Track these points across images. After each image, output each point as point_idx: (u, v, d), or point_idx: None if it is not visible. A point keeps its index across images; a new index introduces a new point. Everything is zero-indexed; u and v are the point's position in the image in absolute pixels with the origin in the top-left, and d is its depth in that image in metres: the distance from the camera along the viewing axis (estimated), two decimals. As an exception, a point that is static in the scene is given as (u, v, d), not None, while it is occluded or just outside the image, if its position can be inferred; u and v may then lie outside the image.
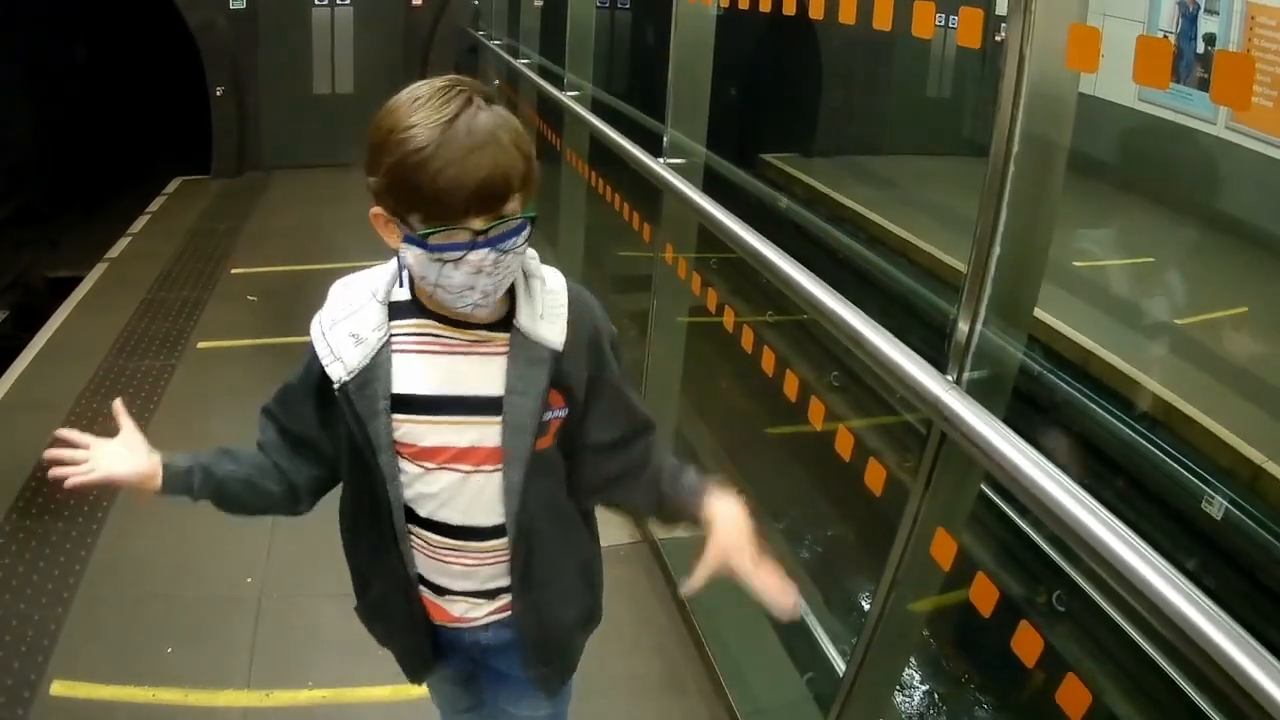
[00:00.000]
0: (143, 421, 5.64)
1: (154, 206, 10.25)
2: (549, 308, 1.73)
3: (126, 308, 7.26)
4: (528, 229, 1.61)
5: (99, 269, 8.28)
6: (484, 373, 1.72)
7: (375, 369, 1.71)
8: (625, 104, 5.16)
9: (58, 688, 3.50)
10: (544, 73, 6.46)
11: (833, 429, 2.59)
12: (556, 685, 2.13)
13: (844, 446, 2.51)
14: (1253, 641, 1.29)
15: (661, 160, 3.61)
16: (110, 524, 4.43)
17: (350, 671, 3.51)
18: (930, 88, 12.01)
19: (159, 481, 1.79)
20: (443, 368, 1.73)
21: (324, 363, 1.73)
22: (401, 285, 1.73)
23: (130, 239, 9.11)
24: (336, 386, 1.72)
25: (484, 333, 1.72)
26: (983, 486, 2.35)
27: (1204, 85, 7.84)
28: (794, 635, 3.59)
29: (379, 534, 1.87)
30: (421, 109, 1.53)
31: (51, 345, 6.70)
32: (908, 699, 4.43)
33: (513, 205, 1.57)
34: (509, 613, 1.95)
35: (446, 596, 1.94)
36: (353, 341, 1.71)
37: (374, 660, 3.55)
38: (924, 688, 4.56)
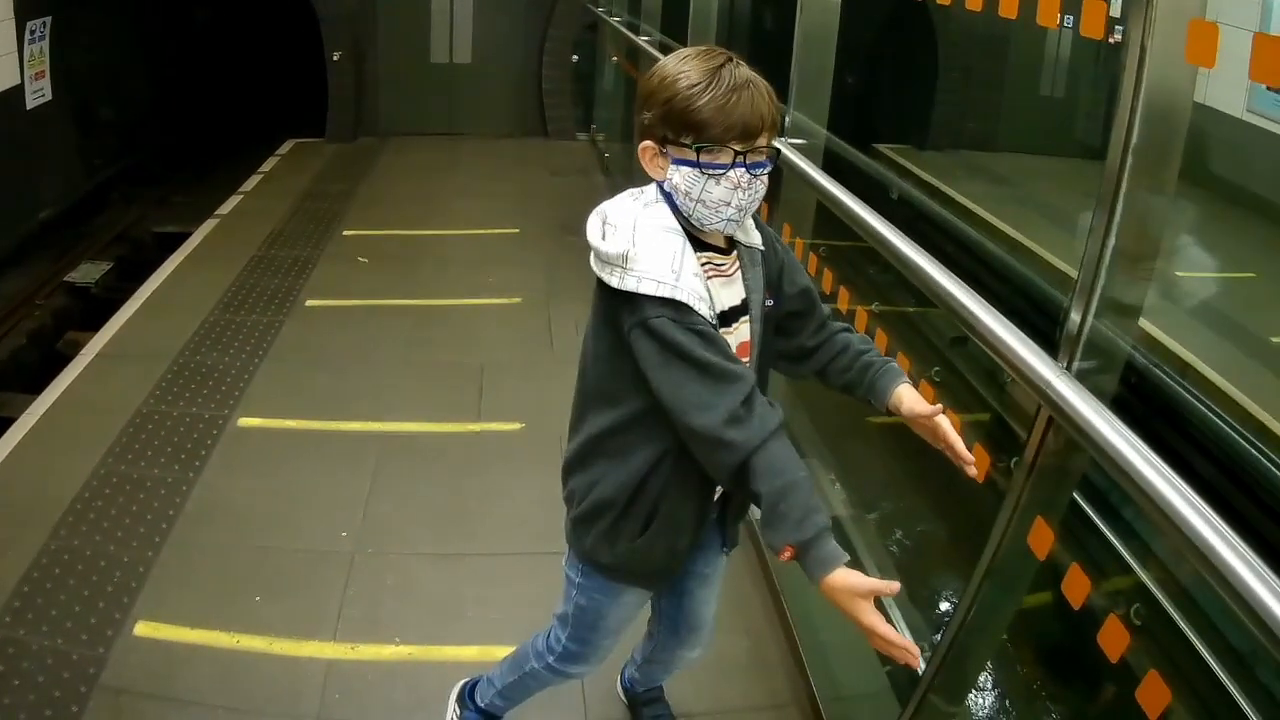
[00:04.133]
0: (247, 375, 5.72)
1: (266, 167, 10.36)
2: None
3: (236, 263, 7.33)
4: (774, 161, 1.96)
5: (209, 225, 8.36)
6: (739, 282, 2.07)
7: (709, 295, 1.98)
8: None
9: (142, 628, 3.53)
10: (665, 50, 6.41)
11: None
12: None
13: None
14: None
15: (784, 140, 3.58)
16: (207, 472, 4.48)
17: (439, 630, 3.55)
18: (1044, 87, 11.82)
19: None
20: (721, 284, 2.04)
21: (694, 305, 1.91)
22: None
23: (241, 197, 9.22)
24: (713, 321, 1.96)
25: (730, 255, 2.06)
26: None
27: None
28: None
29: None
30: (691, 61, 1.89)
31: (158, 296, 6.77)
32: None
33: (763, 140, 1.90)
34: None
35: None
36: (698, 280, 1.94)
37: (463, 620, 3.61)
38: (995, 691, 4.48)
